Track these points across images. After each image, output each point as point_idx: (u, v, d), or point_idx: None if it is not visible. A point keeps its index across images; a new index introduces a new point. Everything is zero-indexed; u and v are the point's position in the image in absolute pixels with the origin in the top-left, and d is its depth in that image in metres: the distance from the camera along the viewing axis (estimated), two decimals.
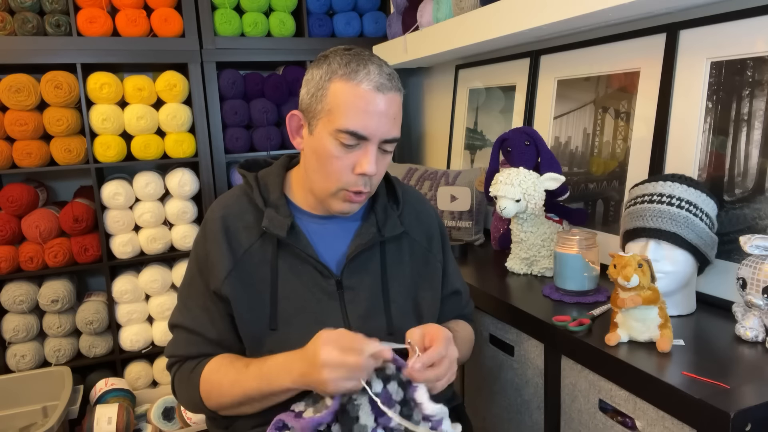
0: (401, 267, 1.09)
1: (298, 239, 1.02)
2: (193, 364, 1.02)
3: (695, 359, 0.97)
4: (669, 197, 1.13)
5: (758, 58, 1.16)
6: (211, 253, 1.01)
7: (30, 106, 2.07)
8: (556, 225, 1.48)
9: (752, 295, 0.99)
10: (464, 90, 2.22)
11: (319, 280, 1.02)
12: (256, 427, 0.99)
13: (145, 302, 2.33)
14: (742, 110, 1.19)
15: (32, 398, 2.05)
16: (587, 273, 1.28)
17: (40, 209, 2.16)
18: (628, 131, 1.47)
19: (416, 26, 2.11)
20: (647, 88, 1.41)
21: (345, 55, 0.97)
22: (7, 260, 2.08)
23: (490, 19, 1.61)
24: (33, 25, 2.05)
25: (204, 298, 1.02)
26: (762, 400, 0.83)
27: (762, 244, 0.99)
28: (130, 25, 2.17)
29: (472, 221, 1.89)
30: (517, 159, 1.51)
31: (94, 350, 2.24)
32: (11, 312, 2.15)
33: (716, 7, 1.25)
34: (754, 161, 1.17)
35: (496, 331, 1.40)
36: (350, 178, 0.98)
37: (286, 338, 0.98)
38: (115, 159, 2.19)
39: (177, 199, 2.32)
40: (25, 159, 2.08)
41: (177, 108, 2.25)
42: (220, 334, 1.01)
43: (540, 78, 1.79)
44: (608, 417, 1.05)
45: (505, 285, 1.45)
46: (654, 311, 1.01)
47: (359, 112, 0.94)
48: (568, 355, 1.14)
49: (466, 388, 1.56)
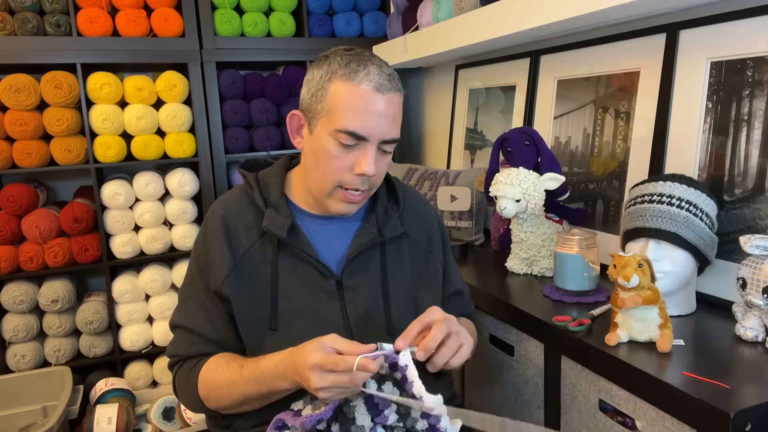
0: (401, 267, 1.09)
1: (299, 239, 1.02)
2: (192, 364, 1.02)
3: (695, 359, 0.97)
4: (669, 197, 1.13)
5: (758, 58, 1.16)
6: (212, 253, 1.02)
7: (30, 106, 2.07)
8: (556, 225, 1.48)
9: (752, 295, 0.99)
10: (464, 90, 2.22)
11: (320, 280, 1.02)
12: (256, 427, 0.99)
13: (145, 302, 2.33)
14: (742, 110, 1.19)
15: (32, 398, 2.05)
16: (587, 273, 1.28)
17: (40, 209, 2.16)
18: (628, 131, 1.47)
19: (416, 26, 2.11)
20: (647, 88, 1.41)
21: (345, 55, 0.97)
22: (7, 260, 2.08)
23: (490, 19, 1.61)
24: (33, 25, 2.05)
25: (204, 298, 1.02)
26: (762, 400, 0.83)
27: (762, 244, 0.99)
28: (130, 25, 2.17)
29: (472, 221, 1.89)
30: (517, 159, 1.51)
31: (94, 350, 2.24)
32: (11, 312, 2.15)
33: (716, 7, 1.25)
34: (754, 161, 1.17)
35: (496, 331, 1.40)
36: (348, 177, 0.98)
37: (287, 338, 0.98)
38: (115, 159, 2.19)
39: (177, 199, 2.32)
40: (25, 159, 2.08)
41: (177, 108, 2.25)
42: (220, 334, 1.01)
43: (540, 78, 1.79)
44: (608, 417, 1.05)
45: (505, 285, 1.45)
46: (654, 311, 1.01)
47: (359, 112, 0.94)
48: (568, 355, 1.14)
49: (466, 388, 1.56)
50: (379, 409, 0.89)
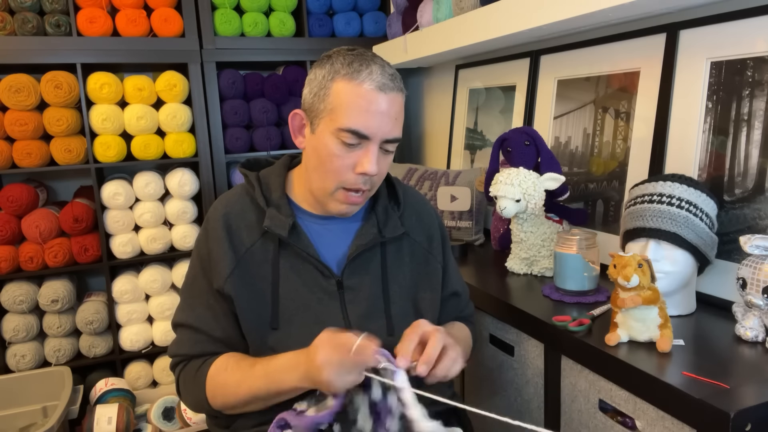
0: (402, 268, 1.09)
1: (300, 239, 1.02)
2: (198, 364, 1.02)
3: (695, 359, 0.97)
4: (669, 197, 1.13)
5: (758, 58, 1.16)
6: (214, 252, 1.02)
7: (30, 106, 2.06)
8: (556, 225, 1.48)
9: (752, 295, 0.99)
10: (464, 90, 2.23)
11: (320, 279, 1.02)
12: (257, 426, 0.99)
13: (145, 302, 2.33)
14: (742, 110, 1.19)
15: (32, 398, 2.05)
16: (587, 273, 1.28)
17: (40, 209, 2.16)
18: (628, 131, 1.47)
19: (416, 26, 2.11)
20: (647, 88, 1.41)
21: (348, 55, 0.98)
22: (7, 260, 2.08)
23: (490, 19, 1.61)
24: (33, 25, 2.05)
25: (207, 296, 1.02)
26: (762, 400, 0.83)
27: (762, 244, 0.99)
28: (130, 25, 2.17)
29: (472, 221, 1.89)
30: (517, 159, 1.51)
31: (94, 350, 2.24)
32: (11, 312, 2.14)
33: (716, 7, 1.25)
34: (754, 161, 1.17)
35: (496, 331, 1.40)
36: (350, 176, 0.98)
37: (288, 337, 0.99)
38: (115, 159, 2.19)
39: (177, 199, 2.32)
40: (25, 159, 2.08)
41: (177, 108, 2.24)
42: (225, 332, 1.01)
43: (540, 78, 1.79)
44: (608, 417, 1.05)
45: (505, 285, 1.45)
46: (654, 311, 1.01)
47: (361, 111, 0.94)
48: (568, 355, 1.14)
49: (466, 388, 1.56)
50: (381, 419, 0.89)
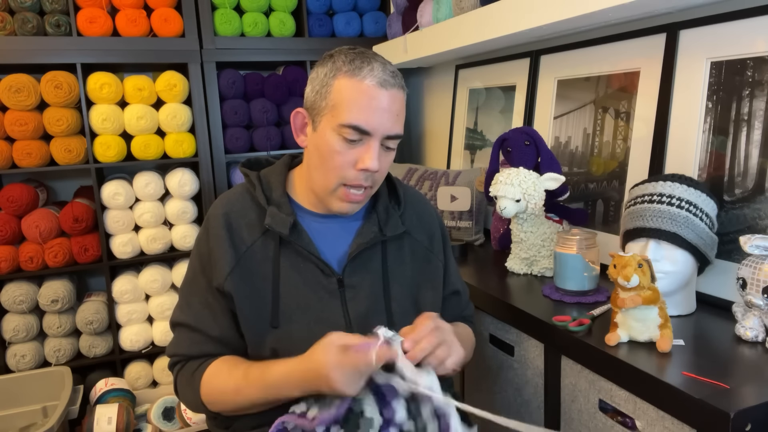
0: (402, 266, 1.10)
1: (300, 237, 1.03)
2: (195, 365, 1.02)
3: (695, 359, 0.97)
4: (669, 197, 1.13)
5: (758, 58, 1.16)
6: (214, 250, 1.02)
7: (30, 106, 2.07)
8: (556, 225, 1.48)
9: (752, 295, 0.99)
10: (464, 90, 2.23)
11: (321, 278, 1.03)
12: (257, 428, 0.99)
13: (145, 302, 2.33)
14: (742, 110, 1.19)
15: (32, 398, 2.05)
16: (587, 273, 1.28)
17: (40, 209, 2.16)
18: (628, 131, 1.47)
19: (416, 26, 2.11)
20: (647, 88, 1.41)
21: (350, 53, 0.99)
22: (7, 260, 2.08)
23: (490, 19, 1.61)
24: (33, 25, 2.05)
25: (206, 295, 1.02)
26: (762, 400, 0.83)
27: (762, 244, 0.99)
28: (130, 25, 2.17)
29: (472, 221, 1.89)
30: (517, 159, 1.51)
31: (94, 350, 2.24)
32: (11, 312, 2.15)
33: (716, 7, 1.25)
34: (754, 161, 1.17)
35: (496, 331, 1.40)
36: (352, 173, 0.98)
37: (288, 335, 0.99)
38: (115, 159, 2.19)
39: (177, 199, 2.32)
40: (25, 159, 2.08)
41: (177, 108, 2.25)
42: (223, 331, 1.01)
43: (540, 78, 1.79)
44: (608, 417, 1.05)
45: (505, 285, 1.45)
46: (654, 311, 1.01)
47: (363, 107, 0.95)
48: (568, 355, 1.14)
49: (466, 388, 1.56)
50: (386, 401, 0.88)
